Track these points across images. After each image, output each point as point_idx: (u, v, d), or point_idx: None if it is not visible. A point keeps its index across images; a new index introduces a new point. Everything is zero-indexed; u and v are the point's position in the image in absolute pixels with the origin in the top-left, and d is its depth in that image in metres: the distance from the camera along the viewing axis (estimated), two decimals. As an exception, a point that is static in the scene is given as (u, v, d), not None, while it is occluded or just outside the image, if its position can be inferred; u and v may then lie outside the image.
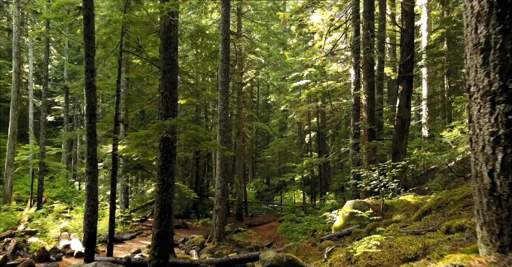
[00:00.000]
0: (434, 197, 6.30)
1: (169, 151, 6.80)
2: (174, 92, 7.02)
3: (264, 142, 38.90)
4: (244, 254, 8.24)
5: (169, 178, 6.78)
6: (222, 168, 14.19)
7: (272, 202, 30.04)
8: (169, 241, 6.67)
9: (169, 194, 6.76)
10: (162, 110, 6.88)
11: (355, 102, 13.18)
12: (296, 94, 25.28)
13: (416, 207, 7.52)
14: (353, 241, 6.73)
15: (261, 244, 14.83)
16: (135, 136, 6.13)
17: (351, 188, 12.31)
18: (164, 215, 6.64)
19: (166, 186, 6.76)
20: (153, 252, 6.43)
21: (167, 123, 6.32)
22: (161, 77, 7.03)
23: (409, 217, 6.86)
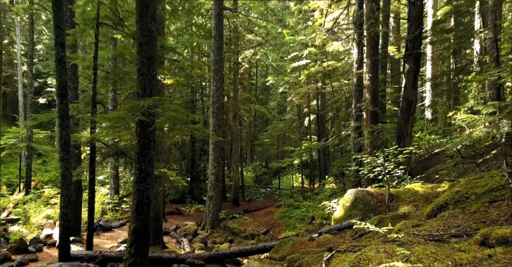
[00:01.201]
0: (450, 188, 5.50)
1: (147, 136, 5.97)
2: (152, 68, 6.13)
3: (263, 125, 38.05)
4: (235, 248, 7.55)
5: (147, 166, 5.98)
6: (215, 152, 13.41)
7: (270, 186, 29.47)
8: (147, 237, 5.93)
9: (147, 185, 5.97)
10: (138, 90, 6.01)
11: (357, 83, 12.26)
12: (295, 75, 24.25)
13: (426, 197, 6.76)
14: (355, 238, 6.00)
15: (257, 231, 14.24)
16: (104, 119, 5.29)
17: (352, 174, 11.56)
18: (142, 208, 5.87)
19: (144, 175, 5.96)
20: (129, 249, 5.69)
21: (141, 104, 5.47)
22: (137, 51, 6.12)
23: (419, 209, 6.10)
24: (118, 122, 5.63)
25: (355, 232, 6.24)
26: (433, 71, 21.79)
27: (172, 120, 5.85)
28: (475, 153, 9.59)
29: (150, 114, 5.73)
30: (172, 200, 22.56)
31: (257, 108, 23.19)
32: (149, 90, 6.02)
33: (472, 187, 4.67)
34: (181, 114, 5.88)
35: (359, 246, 4.53)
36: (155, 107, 5.77)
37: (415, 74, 11.21)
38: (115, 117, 5.47)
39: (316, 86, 21.17)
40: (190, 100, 25.03)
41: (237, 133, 20.91)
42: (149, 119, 5.72)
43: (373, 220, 6.14)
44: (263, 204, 20.72)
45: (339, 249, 4.82)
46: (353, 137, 11.96)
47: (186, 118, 6.03)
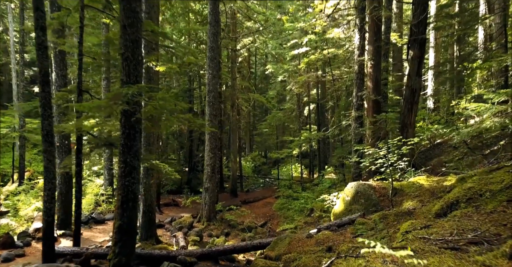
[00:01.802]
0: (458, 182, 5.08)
1: (132, 126, 5.52)
2: (138, 53, 5.63)
3: (262, 115, 37.51)
4: (229, 245, 7.17)
5: (132, 159, 5.54)
6: (211, 143, 12.98)
7: (269, 176, 29.15)
8: (133, 235, 5.53)
9: (133, 179, 5.54)
10: (122, 76, 5.53)
11: (358, 70, 11.74)
12: (295, 63, 23.64)
13: (432, 191, 6.35)
14: (357, 235, 5.60)
15: (254, 223, 13.90)
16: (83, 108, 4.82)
17: (352, 165, 11.15)
18: (127, 204, 5.46)
19: (129, 169, 5.53)
20: (114, 248, 5.30)
21: (124, 91, 4.99)
22: (121, 34, 5.62)
23: (425, 205, 5.69)
24: (100, 112, 5.16)
25: (356, 229, 5.84)
26: (436, 59, 21.24)
27: (158, 110, 5.39)
28: (482, 143, 9.16)
29: (135, 103, 5.26)
30: (169, 190, 22.23)
31: (256, 97, 22.65)
32: (134, 77, 5.54)
33: (486, 183, 4.24)
34: (168, 103, 5.41)
35: (362, 247, 4.12)
36: (140, 96, 5.30)
37: (420, 61, 10.69)
38: (95, 107, 5.01)
39: (316, 74, 20.61)
40: (188, 89, 24.48)
41: (235, 123, 20.43)
42: (134, 109, 5.26)
43: (375, 217, 5.74)
44: (261, 194, 20.38)
45: (340, 250, 4.43)
46: (354, 127, 11.51)
47: (174, 107, 5.56)
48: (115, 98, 5.07)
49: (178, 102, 5.50)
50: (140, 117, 5.58)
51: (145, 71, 9.95)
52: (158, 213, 14.81)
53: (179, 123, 6.09)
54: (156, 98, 5.34)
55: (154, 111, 5.45)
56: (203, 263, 6.85)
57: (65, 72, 10.55)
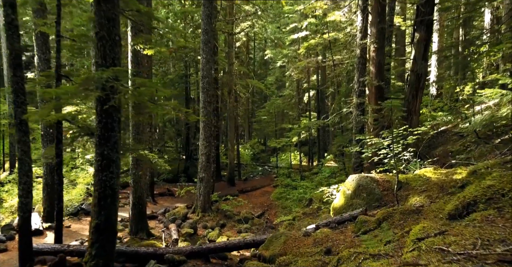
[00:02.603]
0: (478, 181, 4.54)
1: (109, 115, 4.94)
2: (115, 32, 5.00)
3: (261, 101, 36.84)
4: (220, 242, 6.69)
5: (110, 151, 4.98)
6: (206, 131, 12.40)
7: (268, 163, 28.71)
8: (113, 235, 5.02)
9: (111, 173, 4.99)
10: (97, 59, 4.92)
11: (361, 54, 11.07)
12: (295, 48, 22.84)
13: (440, 186, 5.82)
14: (358, 235, 5.09)
15: (251, 214, 13.46)
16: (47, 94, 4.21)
17: (353, 155, 10.61)
18: (105, 201, 4.93)
19: (106, 162, 4.97)
20: (90, 250, 4.79)
21: (97, 75, 4.39)
22: (95, 11, 4.98)
23: (434, 202, 5.16)
24: (70, 99, 4.57)
25: (358, 227, 5.33)
26: (440, 43, 20.45)
27: (136, 97, 4.80)
28: (492, 132, 8.59)
29: (112, 90, 4.67)
30: (165, 179, 21.80)
31: (254, 83, 21.96)
32: (111, 59, 4.93)
33: (509, 181, 3.69)
34: (149, 90, 4.81)
35: (365, 254, 3.61)
36: (117, 81, 4.70)
37: (426, 44, 10.05)
38: (63, 93, 4.42)
39: (316, 59, 19.87)
40: (184, 75, 23.75)
41: (232, 110, 19.81)
42: (107, 95, 4.67)
43: (379, 215, 5.22)
44: (259, 183, 19.93)
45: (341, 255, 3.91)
46: (355, 115, 10.93)
47: (155, 93, 4.97)
48: (86, 84, 4.48)
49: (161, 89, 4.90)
50: (118, 105, 4.99)
51: (132, 55, 9.33)
52: (152, 204, 14.40)
53: (163, 111, 5.51)
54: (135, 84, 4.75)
55: (134, 99, 4.86)
56: (193, 262, 6.38)
57: (48, 56, 9.89)
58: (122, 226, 10.21)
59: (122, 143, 6.90)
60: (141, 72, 9.36)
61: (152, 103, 5.13)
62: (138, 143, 9.31)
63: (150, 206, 14.12)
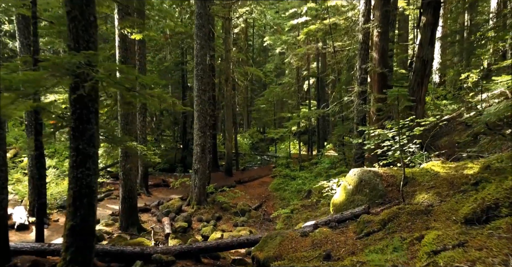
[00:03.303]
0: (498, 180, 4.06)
1: (85, 105, 4.42)
2: (89, 11, 4.44)
3: (260, 90, 36.15)
4: (212, 242, 6.25)
5: (86, 145, 4.48)
6: (201, 121, 11.88)
7: (267, 153, 28.27)
8: (90, 239, 4.55)
9: (87, 170, 4.51)
10: (69, 41, 4.37)
11: (363, 40, 10.45)
12: (294, 34, 22.13)
13: (450, 182, 5.34)
14: (361, 236, 4.63)
15: (248, 206, 13.05)
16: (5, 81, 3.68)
17: (354, 146, 10.12)
18: (81, 201, 4.46)
19: (82, 157, 4.48)
20: (65, 255, 4.34)
21: (66, 60, 3.86)
22: (65, -13, 4.42)
23: (445, 201, 4.68)
24: (31, 88, 4.05)
25: (360, 228, 4.88)
26: (444, 29, 19.73)
27: (113, 85, 4.27)
28: (502, 122, 8.07)
29: (85, 76, 4.13)
30: (161, 169, 21.35)
31: (252, 71, 21.33)
32: (85, 42, 4.38)
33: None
34: (127, 77, 4.28)
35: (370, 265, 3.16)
36: (90, 66, 4.17)
37: (433, 29, 9.45)
38: (24, 80, 3.89)
39: (316, 46, 19.19)
40: (180, 62, 23.08)
41: (229, 98, 19.23)
42: (76, 83, 4.14)
43: (384, 215, 4.75)
44: (257, 173, 19.51)
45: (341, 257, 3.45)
46: (356, 103, 10.39)
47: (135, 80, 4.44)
48: (54, 69, 3.95)
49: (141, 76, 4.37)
50: (95, 94, 4.47)
51: (120, 39, 8.74)
52: (145, 195, 13.99)
53: (146, 101, 4.99)
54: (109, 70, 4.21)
55: (110, 87, 4.34)
56: (182, 262, 5.96)
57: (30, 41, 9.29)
58: (112, 220, 9.80)
59: (109, 134, 6.41)
60: (129, 58, 8.80)
61: (133, 92, 4.61)
62: (127, 134, 8.81)
63: (144, 197, 13.73)
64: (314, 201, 10.54)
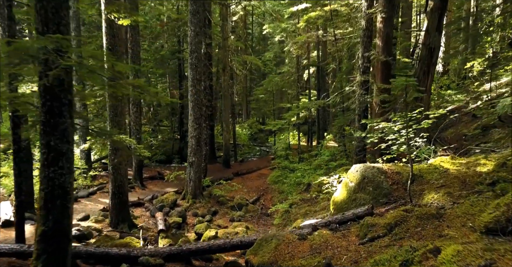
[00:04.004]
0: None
1: (56, 97, 3.94)
2: (59, -10, 3.93)
3: (260, 79, 35.47)
4: (203, 244, 5.84)
5: (59, 141, 4.01)
6: (196, 112, 11.39)
7: (266, 143, 27.84)
8: (65, 244, 4.11)
9: (60, 169, 4.04)
10: (37, 25, 3.87)
11: (366, 26, 9.88)
12: (294, 22, 21.44)
13: (462, 180, 4.89)
14: (365, 242, 4.19)
15: (245, 200, 12.65)
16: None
17: (355, 138, 9.65)
18: (53, 203, 4.01)
19: (55, 155, 4.02)
20: (36, 263, 3.91)
21: (29, 45, 3.36)
22: (31, -38, 3.89)
23: (458, 203, 4.23)
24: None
25: (364, 232, 4.44)
26: (448, 16, 19.04)
27: (85, 73, 3.78)
28: (513, 114, 7.58)
29: (50, 64, 3.63)
30: (158, 160, 20.95)
31: (250, 59, 20.74)
32: (55, 25, 3.87)
33: None
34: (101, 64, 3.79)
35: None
36: (61, 52, 3.67)
37: (441, 14, 8.89)
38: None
39: (317, 34, 18.54)
40: (176, 50, 22.43)
41: (227, 88, 18.69)
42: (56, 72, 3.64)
43: (390, 218, 4.31)
44: (256, 165, 19.10)
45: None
46: (358, 94, 9.87)
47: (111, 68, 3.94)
48: (16, 55, 3.46)
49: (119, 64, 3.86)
50: (68, 84, 3.98)
51: (107, 25, 8.20)
52: (140, 189, 13.59)
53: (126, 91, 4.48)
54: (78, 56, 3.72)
55: (82, 75, 3.85)
56: (171, 265, 5.55)
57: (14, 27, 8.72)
58: (102, 216, 9.39)
59: (96, 126, 5.94)
60: (117, 45, 8.26)
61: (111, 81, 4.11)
62: (116, 126, 8.34)
63: (138, 191, 13.33)
64: (314, 196, 10.12)
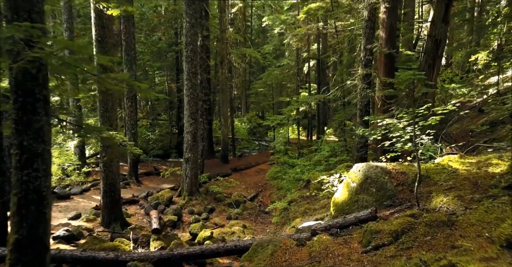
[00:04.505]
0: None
1: (29, 92, 3.56)
2: (31, -26, 3.53)
3: (260, 72, 34.97)
4: (196, 248, 5.51)
5: (33, 141, 3.65)
6: (191, 107, 11.01)
7: (265, 138, 27.46)
8: (41, 253, 3.77)
9: (35, 171, 3.68)
10: (6, 12, 3.48)
11: (369, 17, 9.45)
12: (294, 13, 20.94)
13: (473, 182, 4.54)
14: (368, 250, 3.85)
15: (243, 196, 12.34)
16: None
17: (357, 135, 9.28)
18: (28, 209, 3.67)
19: (28, 156, 3.66)
20: (9, 275, 3.59)
21: None
22: None
23: (470, 209, 3.88)
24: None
25: (367, 239, 4.10)
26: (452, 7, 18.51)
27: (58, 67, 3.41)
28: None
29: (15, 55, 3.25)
30: (155, 155, 20.61)
31: (249, 52, 20.27)
32: (25, 12, 3.48)
33: None
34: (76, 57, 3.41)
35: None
36: (31, 42, 3.28)
37: (448, 4, 8.46)
38: None
39: (317, 26, 18.08)
40: (174, 43, 21.95)
41: (225, 82, 18.26)
42: (21, 64, 3.26)
43: (396, 224, 3.96)
44: (254, 160, 18.76)
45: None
46: (360, 88, 9.48)
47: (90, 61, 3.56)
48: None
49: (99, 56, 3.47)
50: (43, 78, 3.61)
51: (95, 16, 7.78)
52: (135, 185, 13.28)
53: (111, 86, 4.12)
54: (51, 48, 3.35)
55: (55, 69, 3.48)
56: (161, 271, 5.24)
57: None
58: (94, 215, 9.07)
59: (83, 123, 5.57)
60: (107, 37, 7.85)
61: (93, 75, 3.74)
62: (106, 122, 7.97)
63: (134, 187, 13.02)
64: (313, 194, 9.80)
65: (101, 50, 7.84)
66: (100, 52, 7.80)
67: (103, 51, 7.80)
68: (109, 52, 7.88)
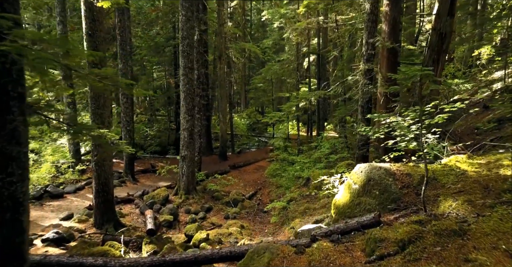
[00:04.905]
0: None
1: (2, 89, 3.26)
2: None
3: (259, 67, 34.58)
4: (188, 254, 5.22)
5: (6, 143, 3.34)
6: (188, 103, 10.70)
7: (265, 133, 27.18)
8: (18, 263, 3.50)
9: (10, 176, 3.37)
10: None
11: (371, 10, 9.11)
12: (293, 7, 20.54)
13: (484, 185, 4.25)
14: (372, 260, 3.57)
15: (241, 195, 12.08)
16: None
17: (358, 132, 8.97)
18: (3, 217, 3.35)
19: (2, 159, 3.35)
20: (-18, 289, 3.32)
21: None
22: None
23: (483, 216, 3.58)
24: None
25: (371, 248, 3.81)
26: (456, 1, 18.10)
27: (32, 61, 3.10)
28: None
29: None
30: (153, 151, 20.34)
31: (248, 47, 19.91)
32: None
33: None
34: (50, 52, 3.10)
35: None
36: (2, 34, 2.97)
37: (454, -4, 8.10)
38: None
39: (317, 20, 17.68)
40: (171, 37, 21.56)
41: (223, 77, 17.92)
42: None
43: (403, 233, 3.67)
44: (253, 157, 18.50)
45: None
46: (362, 84, 9.16)
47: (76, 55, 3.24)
48: None
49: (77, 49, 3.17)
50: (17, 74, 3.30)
51: (86, 8, 7.45)
52: (131, 183, 13.01)
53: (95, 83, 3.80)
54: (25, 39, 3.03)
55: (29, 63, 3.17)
56: (153, 278, 4.96)
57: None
58: (86, 215, 8.80)
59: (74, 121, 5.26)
60: (98, 30, 7.52)
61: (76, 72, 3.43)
62: (98, 119, 7.67)
63: (130, 185, 12.74)
64: (313, 194, 9.52)
65: (91, 44, 7.52)
66: (90, 46, 7.48)
67: (93, 46, 7.47)
68: (100, 46, 7.55)
